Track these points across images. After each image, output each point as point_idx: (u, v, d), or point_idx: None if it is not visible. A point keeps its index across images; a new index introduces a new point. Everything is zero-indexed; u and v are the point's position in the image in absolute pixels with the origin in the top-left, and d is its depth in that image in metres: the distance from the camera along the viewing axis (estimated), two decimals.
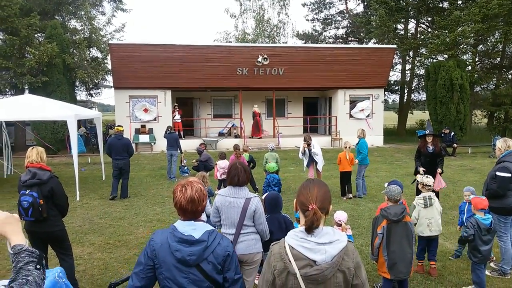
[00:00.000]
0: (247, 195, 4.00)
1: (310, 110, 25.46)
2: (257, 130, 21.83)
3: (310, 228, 2.09)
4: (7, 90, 21.28)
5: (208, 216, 4.95)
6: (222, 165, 11.01)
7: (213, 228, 2.54)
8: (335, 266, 2.06)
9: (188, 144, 19.52)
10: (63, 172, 14.56)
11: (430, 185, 5.85)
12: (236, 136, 22.19)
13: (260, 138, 21.54)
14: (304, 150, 10.58)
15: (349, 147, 10.61)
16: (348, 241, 2.14)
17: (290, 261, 2.09)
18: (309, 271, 2.05)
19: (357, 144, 10.80)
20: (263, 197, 5.03)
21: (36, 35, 21.51)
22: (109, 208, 9.87)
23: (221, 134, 23.00)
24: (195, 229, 2.46)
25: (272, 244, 2.25)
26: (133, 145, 19.31)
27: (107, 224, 8.53)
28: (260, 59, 20.56)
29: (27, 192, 4.49)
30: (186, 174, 14.15)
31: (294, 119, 24.45)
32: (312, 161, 10.66)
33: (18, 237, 1.83)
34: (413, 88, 31.61)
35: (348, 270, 2.09)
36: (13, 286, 1.68)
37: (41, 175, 4.54)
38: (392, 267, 4.58)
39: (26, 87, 19.96)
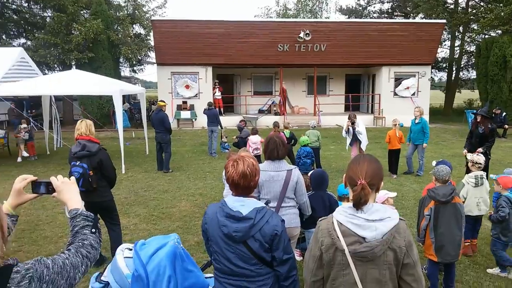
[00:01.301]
0: (288, 167, 3.99)
1: (352, 88, 24.87)
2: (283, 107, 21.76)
3: (358, 204, 2.03)
4: (56, 65, 22.05)
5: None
6: (254, 140, 11.01)
7: (264, 205, 2.49)
8: (386, 244, 1.99)
9: (228, 121, 19.64)
10: (109, 146, 15.02)
11: (481, 163, 5.62)
12: (276, 114, 22.10)
13: (284, 115, 21.30)
14: (348, 129, 10.36)
15: (398, 125, 10.42)
16: (399, 219, 2.06)
17: (338, 237, 2.04)
18: (358, 248, 2.00)
19: (417, 122, 10.46)
20: (308, 174, 4.98)
21: (82, 12, 22.06)
22: (153, 181, 10.14)
23: (261, 111, 22.96)
24: (244, 205, 2.44)
25: (319, 219, 2.21)
26: (175, 121, 19.73)
27: (151, 196, 8.77)
28: (301, 34, 20.18)
29: (77, 164, 4.66)
30: (227, 150, 14.26)
31: (335, 97, 23.98)
32: (355, 140, 10.44)
33: (74, 201, 1.87)
34: (462, 65, 30.15)
35: (399, 249, 2.02)
36: (70, 249, 1.73)
37: (90, 147, 4.69)
38: (440, 250, 4.44)
39: (73, 63, 20.63)
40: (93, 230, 1.82)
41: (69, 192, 1.89)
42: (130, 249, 3.33)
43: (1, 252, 1.46)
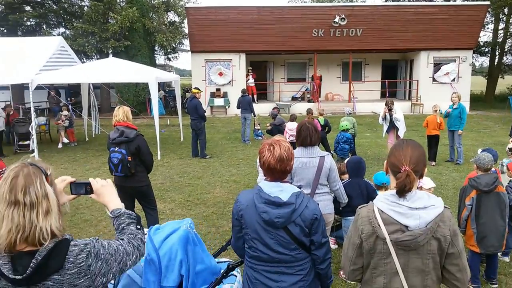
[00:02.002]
0: (321, 154, 3.96)
1: (389, 74, 24.20)
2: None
3: (402, 192, 1.96)
4: (94, 54, 22.59)
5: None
6: (291, 127, 10.94)
7: (300, 190, 2.47)
8: (430, 233, 1.93)
9: (261, 108, 19.61)
10: (145, 133, 15.20)
11: None
12: (309, 101, 21.88)
13: (317, 102, 20.99)
14: (385, 115, 10.11)
15: (439, 111, 10.11)
16: (444, 207, 1.98)
17: (379, 225, 1.99)
18: (400, 237, 1.94)
19: (455, 108, 10.09)
20: (345, 161, 4.89)
21: (118, 0, 22.43)
22: (187, 167, 10.28)
23: (294, 98, 22.79)
24: (282, 191, 2.41)
25: (359, 207, 2.16)
26: (208, 108, 19.87)
27: (186, 182, 8.90)
28: (337, 19, 19.77)
29: (116, 149, 4.76)
30: (260, 138, 14.27)
31: (371, 83, 23.45)
32: (392, 127, 10.18)
33: (115, 202, 1.94)
34: (505, 50, 28.70)
35: (443, 238, 1.95)
36: (123, 238, 1.80)
37: (128, 133, 4.77)
38: (482, 240, 4.29)
39: (110, 51, 21.08)
40: (138, 226, 1.89)
41: (109, 194, 1.94)
42: (145, 234, 3.40)
43: (60, 226, 1.59)
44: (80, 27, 20.75)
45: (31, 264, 1.48)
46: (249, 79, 21.51)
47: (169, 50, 26.38)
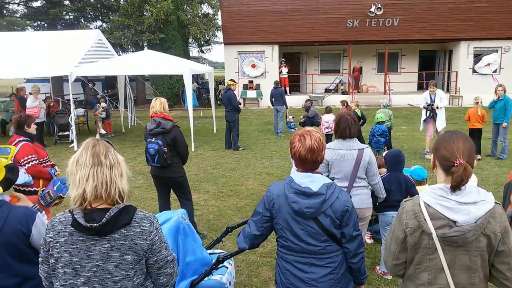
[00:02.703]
0: (359, 146, 3.87)
1: (426, 65, 23.43)
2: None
3: (458, 186, 1.87)
4: (129, 47, 23.03)
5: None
6: (327, 119, 10.84)
7: (331, 181, 2.45)
8: (479, 229, 1.84)
9: (294, 100, 19.46)
10: (179, 124, 15.47)
11: None
12: (343, 93, 21.55)
13: (352, 94, 20.56)
14: (430, 97, 9.64)
15: (481, 102, 9.73)
16: (495, 202, 1.88)
17: (425, 220, 1.91)
18: (447, 232, 1.86)
19: (499, 100, 9.69)
20: (383, 154, 4.77)
21: None
22: (220, 159, 10.35)
23: (327, 90, 22.49)
24: (313, 181, 2.39)
25: (403, 200, 2.08)
26: (241, 100, 19.90)
27: (220, 174, 8.96)
28: (373, 9, 19.31)
29: (153, 140, 4.83)
30: (293, 130, 14.18)
31: (407, 74, 22.79)
32: (431, 118, 9.77)
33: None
34: None
35: (493, 235, 1.86)
36: None
37: (165, 124, 4.82)
38: None
39: (145, 44, 21.42)
40: None
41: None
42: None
43: (129, 188, 1.93)
44: (116, 21, 21.19)
45: (105, 216, 1.80)
46: (281, 71, 21.38)
47: (202, 43, 26.58)
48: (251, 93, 21.11)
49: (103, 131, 13.78)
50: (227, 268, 3.37)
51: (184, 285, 3.08)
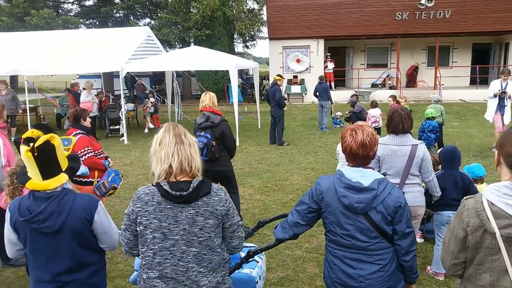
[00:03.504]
0: (413, 142, 3.74)
1: (480, 59, 22.32)
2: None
3: None
4: (176, 43, 23.52)
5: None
6: (374, 113, 10.64)
7: (383, 176, 2.39)
8: None
9: (339, 95, 19.13)
10: None
11: None
12: (391, 87, 20.97)
13: (400, 89, 19.90)
14: (501, 85, 8.91)
15: None
16: None
17: (488, 219, 1.82)
18: None
19: None
20: (438, 151, 4.60)
21: None
22: (265, 154, 10.38)
23: (374, 85, 21.96)
24: (364, 176, 2.35)
25: (464, 198, 2.00)
26: (285, 95, 19.83)
27: (264, 169, 9.00)
28: (423, 1, 18.64)
29: (202, 134, 4.92)
30: (338, 126, 13.98)
31: (459, 68, 21.83)
32: (499, 110, 9.05)
33: None
34: None
35: None
36: None
37: (214, 119, 4.90)
38: None
39: (192, 40, 21.80)
40: None
41: None
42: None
43: (199, 166, 2.20)
44: (164, 17, 21.68)
45: (190, 187, 2.09)
46: (327, 65, 21.10)
47: (247, 38, 26.67)
48: (296, 88, 20.98)
49: (151, 125, 14.18)
50: (257, 262, 3.37)
51: None
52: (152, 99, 14.20)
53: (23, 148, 2.23)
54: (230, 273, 3.14)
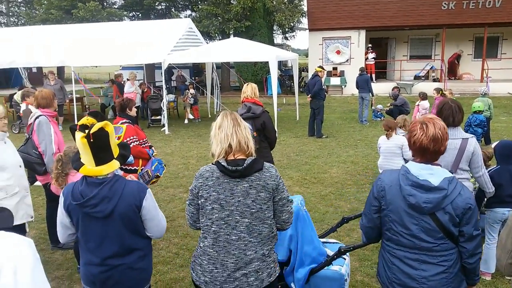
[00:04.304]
0: (464, 135, 3.59)
1: None
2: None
3: None
4: (216, 35, 23.71)
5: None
6: (426, 105, 10.40)
7: (453, 175, 2.28)
8: None
9: (380, 88, 18.71)
10: None
11: None
12: (434, 80, 20.27)
13: (444, 81, 19.14)
14: None
15: None
16: None
17: None
18: None
19: None
20: (492, 145, 4.41)
21: None
22: (303, 146, 10.33)
23: (417, 77, 21.29)
24: (433, 174, 2.24)
25: None
26: (325, 87, 19.59)
27: (303, 161, 8.96)
28: None
29: None
30: (379, 119, 13.68)
31: (508, 60, 20.75)
32: None
33: None
34: None
35: None
36: None
37: (255, 109, 4.91)
38: None
39: (231, 31, 21.88)
40: None
41: None
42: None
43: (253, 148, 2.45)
44: (205, 9, 21.87)
45: (245, 163, 2.33)
46: (368, 57, 20.65)
47: (287, 29, 26.49)
48: (335, 80, 20.68)
49: (191, 116, 14.39)
50: (345, 259, 3.32)
51: (303, 272, 3.07)
52: (192, 90, 14.39)
53: (79, 134, 2.33)
54: (319, 269, 3.12)
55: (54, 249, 5.02)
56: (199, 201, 2.41)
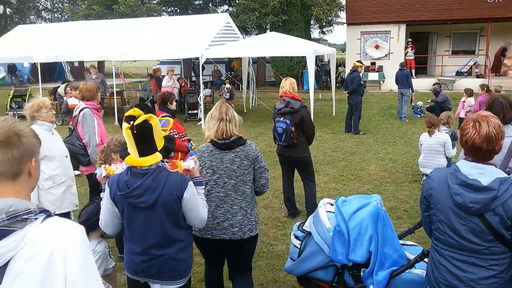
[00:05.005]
0: None
1: None
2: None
3: None
4: (253, 29, 23.70)
5: None
6: (472, 102, 10.05)
7: (507, 176, 2.16)
8: None
9: (420, 84, 18.18)
10: None
11: None
12: (478, 76, 19.49)
13: (488, 78, 18.30)
14: None
15: None
16: None
17: None
18: None
19: None
20: None
21: None
22: (340, 142, 10.18)
23: (459, 73, 20.54)
24: (483, 173, 2.14)
25: None
26: (362, 82, 19.25)
27: (340, 157, 8.84)
28: None
29: (281, 119, 4.93)
30: (418, 116, 13.31)
31: None
32: None
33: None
34: None
35: None
36: None
37: (293, 104, 4.89)
38: None
39: (268, 26, 21.82)
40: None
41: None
42: (332, 204, 3.37)
43: (240, 131, 3.16)
44: (242, 4, 21.89)
45: (229, 139, 3.08)
46: (407, 51, 20.08)
47: (324, 24, 26.16)
48: (373, 76, 20.25)
49: None
50: (426, 263, 3.25)
51: (384, 275, 2.98)
52: (228, 85, 14.47)
53: (124, 125, 2.38)
54: (401, 272, 3.05)
55: None
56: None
